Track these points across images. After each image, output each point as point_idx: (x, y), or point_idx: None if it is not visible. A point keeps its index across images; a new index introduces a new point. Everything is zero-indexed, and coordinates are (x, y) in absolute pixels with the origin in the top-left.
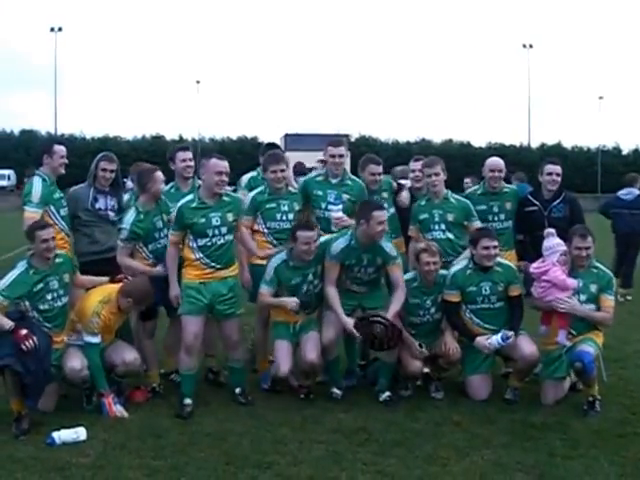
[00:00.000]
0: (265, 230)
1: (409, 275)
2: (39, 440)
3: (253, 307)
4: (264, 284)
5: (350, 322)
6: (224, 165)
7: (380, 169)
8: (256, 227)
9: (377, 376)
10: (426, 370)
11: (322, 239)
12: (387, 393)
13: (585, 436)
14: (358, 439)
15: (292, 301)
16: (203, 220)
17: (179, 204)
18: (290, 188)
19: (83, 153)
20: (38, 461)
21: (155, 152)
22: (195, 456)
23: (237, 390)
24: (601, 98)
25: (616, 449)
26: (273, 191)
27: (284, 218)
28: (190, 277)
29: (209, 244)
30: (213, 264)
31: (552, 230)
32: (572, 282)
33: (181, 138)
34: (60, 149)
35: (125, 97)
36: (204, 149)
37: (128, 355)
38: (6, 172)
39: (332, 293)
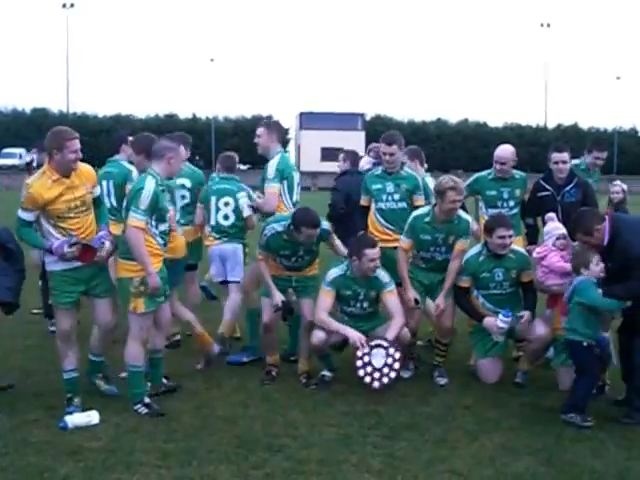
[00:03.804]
0: None
1: (424, 210)
2: (52, 424)
3: None
4: (259, 248)
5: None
6: None
7: (392, 149)
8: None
9: None
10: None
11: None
12: None
13: (593, 420)
14: (369, 422)
15: (278, 299)
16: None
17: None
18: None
19: (96, 131)
20: (51, 445)
21: (168, 130)
22: (207, 439)
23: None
24: (618, 79)
25: (623, 433)
26: None
27: None
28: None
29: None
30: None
31: (552, 215)
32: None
33: (194, 117)
34: None
35: (138, 75)
36: (218, 128)
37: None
38: (17, 151)
39: (325, 319)
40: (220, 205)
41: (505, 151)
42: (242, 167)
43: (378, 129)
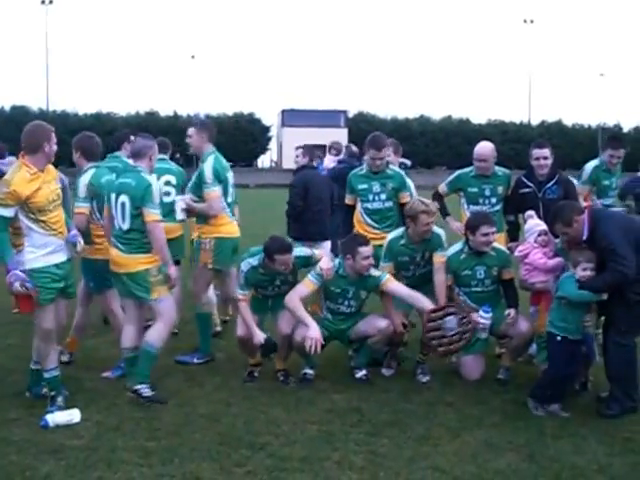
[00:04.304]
0: None
1: (398, 232)
2: (33, 422)
3: None
4: (239, 289)
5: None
6: None
7: (381, 154)
8: None
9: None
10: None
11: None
12: (363, 371)
13: (575, 416)
14: (351, 420)
15: (259, 338)
16: None
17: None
18: None
19: (76, 129)
20: (32, 443)
21: (149, 128)
22: (189, 437)
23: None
24: (602, 75)
25: (605, 428)
26: None
27: None
28: None
29: None
30: None
31: (532, 212)
32: (555, 263)
33: (176, 114)
34: None
35: (119, 72)
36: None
37: None
38: None
39: (296, 304)
40: None
41: (484, 148)
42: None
43: (361, 126)
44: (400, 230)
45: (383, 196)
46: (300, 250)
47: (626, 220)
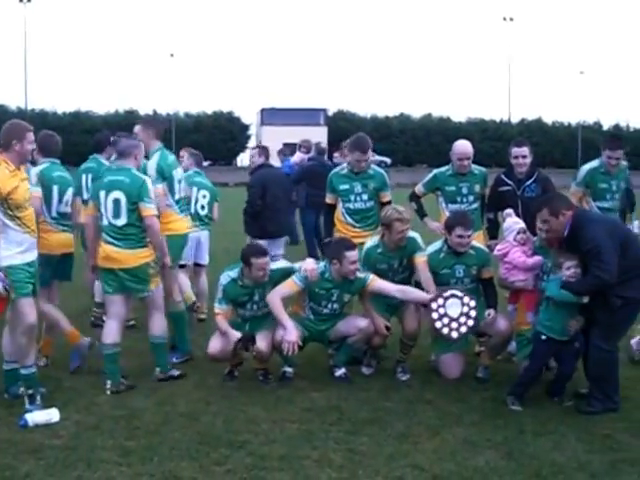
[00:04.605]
0: None
1: (374, 241)
2: (12, 422)
3: None
4: (217, 303)
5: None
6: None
7: (366, 156)
8: None
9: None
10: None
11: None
12: (343, 370)
13: (554, 413)
14: (331, 418)
15: (235, 336)
16: None
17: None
18: None
19: (55, 128)
20: (11, 443)
21: (128, 127)
22: (168, 436)
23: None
24: (582, 73)
25: (585, 426)
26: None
27: None
28: None
29: None
30: None
31: (510, 210)
32: (534, 261)
33: (155, 113)
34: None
35: (97, 71)
36: (179, 124)
37: None
38: None
39: (276, 302)
40: (199, 197)
41: (465, 147)
42: (204, 163)
43: (340, 124)
44: (376, 239)
45: (365, 196)
46: (280, 263)
47: (611, 223)
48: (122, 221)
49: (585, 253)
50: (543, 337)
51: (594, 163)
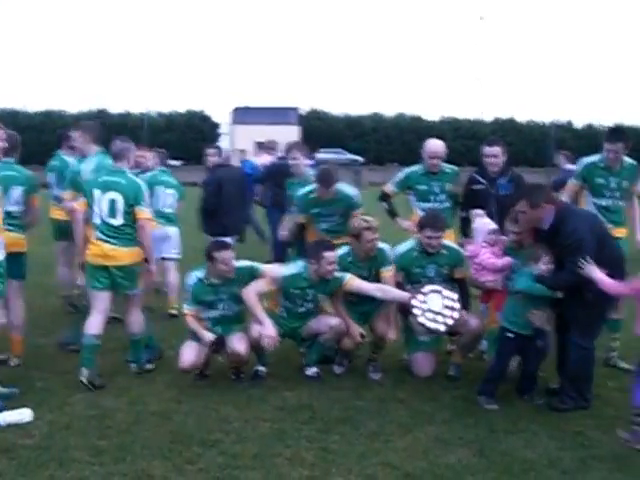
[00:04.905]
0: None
1: (345, 250)
2: None
3: None
4: (186, 304)
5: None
6: None
7: (331, 190)
8: None
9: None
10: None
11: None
12: (315, 369)
13: (525, 411)
14: (302, 417)
15: (208, 337)
16: None
17: None
18: None
19: (25, 127)
20: None
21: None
22: (140, 435)
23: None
24: (553, 73)
25: (557, 423)
26: None
27: None
28: None
29: None
30: None
31: (479, 211)
32: (503, 262)
33: (127, 112)
34: None
35: (69, 70)
36: (151, 123)
37: None
38: None
39: (252, 298)
40: (165, 194)
41: (438, 146)
42: (176, 163)
43: (313, 123)
44: (346, 248)
45: (335, 218)
46: (245, 262)
47: (592, 219)
48: (118, 221)
49: (564, 247)
50: (508, 334)
51: (594, 157)
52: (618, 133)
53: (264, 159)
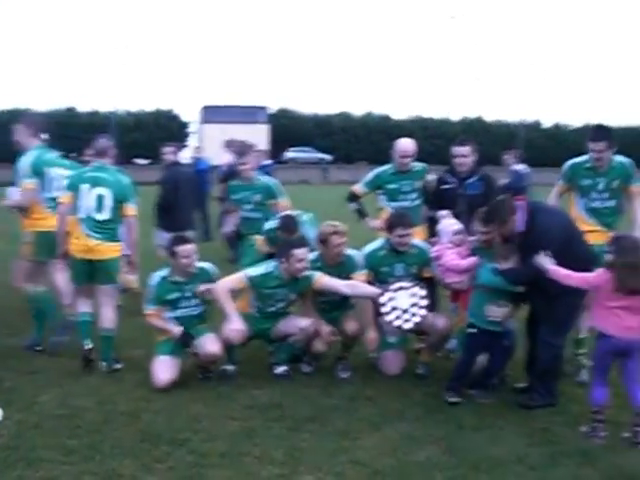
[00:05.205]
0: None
1: (313, 256)
2: None
3: None
4: (148, 304)
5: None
6: None
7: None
8: None
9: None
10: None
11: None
12: (284, 367)
13: (493, 408)
14: (272, 415)
15: (177, 330)
16: None
17: None
18: None
19: None
20: None
21: (68, 125)
22: (110, 434)
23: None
24: (525, 72)
25: (523, 420)
26: None
27: None
28: None
29: None
30: None
31: (444, 212)
32: (468, 263)
33: (95, 110)
34: None
35: (36, 68)
36: (119, 122)
37: None
38: None
39: (223, 294)
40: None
41: (408, 145)
42: (143, 162)
43: (283, 122)
44: (314, 254)
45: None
46: (207, 264)
47: (563, 217)
48: (104, 216)
49: (532, 242)
50: (472, 330)
51: (580, 157)
52: (601, 131)
53: (226, 158)
